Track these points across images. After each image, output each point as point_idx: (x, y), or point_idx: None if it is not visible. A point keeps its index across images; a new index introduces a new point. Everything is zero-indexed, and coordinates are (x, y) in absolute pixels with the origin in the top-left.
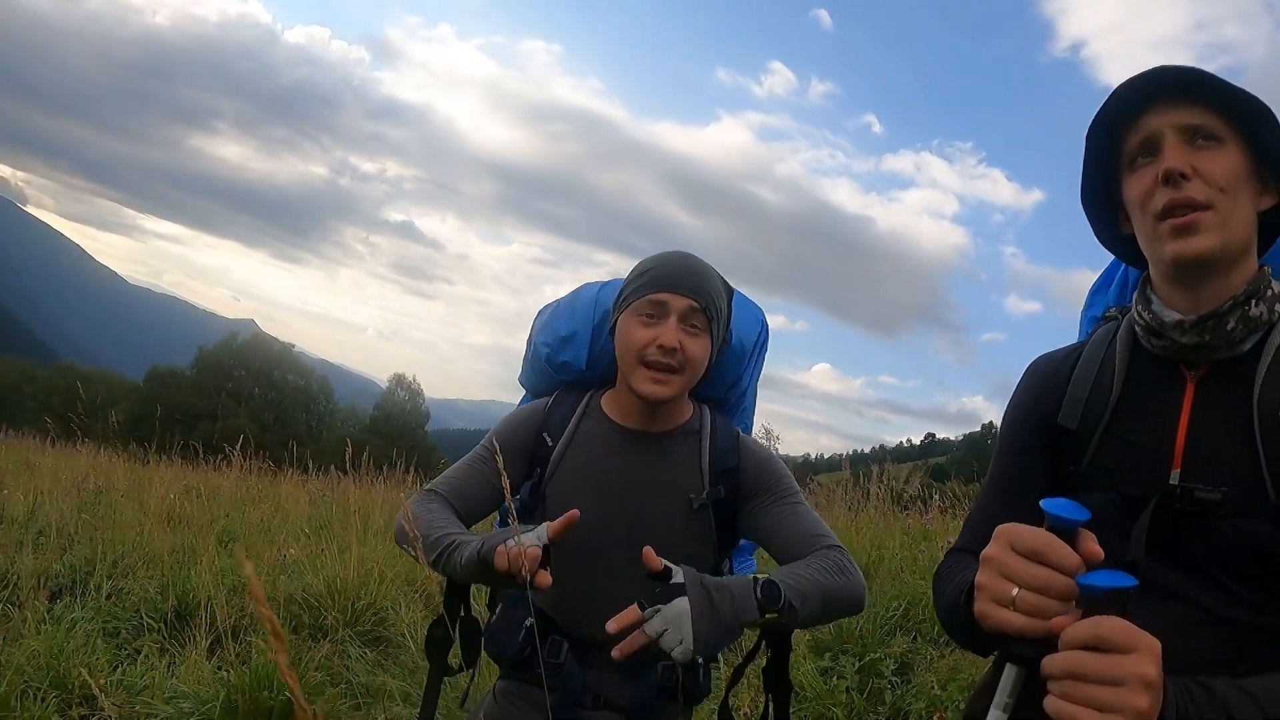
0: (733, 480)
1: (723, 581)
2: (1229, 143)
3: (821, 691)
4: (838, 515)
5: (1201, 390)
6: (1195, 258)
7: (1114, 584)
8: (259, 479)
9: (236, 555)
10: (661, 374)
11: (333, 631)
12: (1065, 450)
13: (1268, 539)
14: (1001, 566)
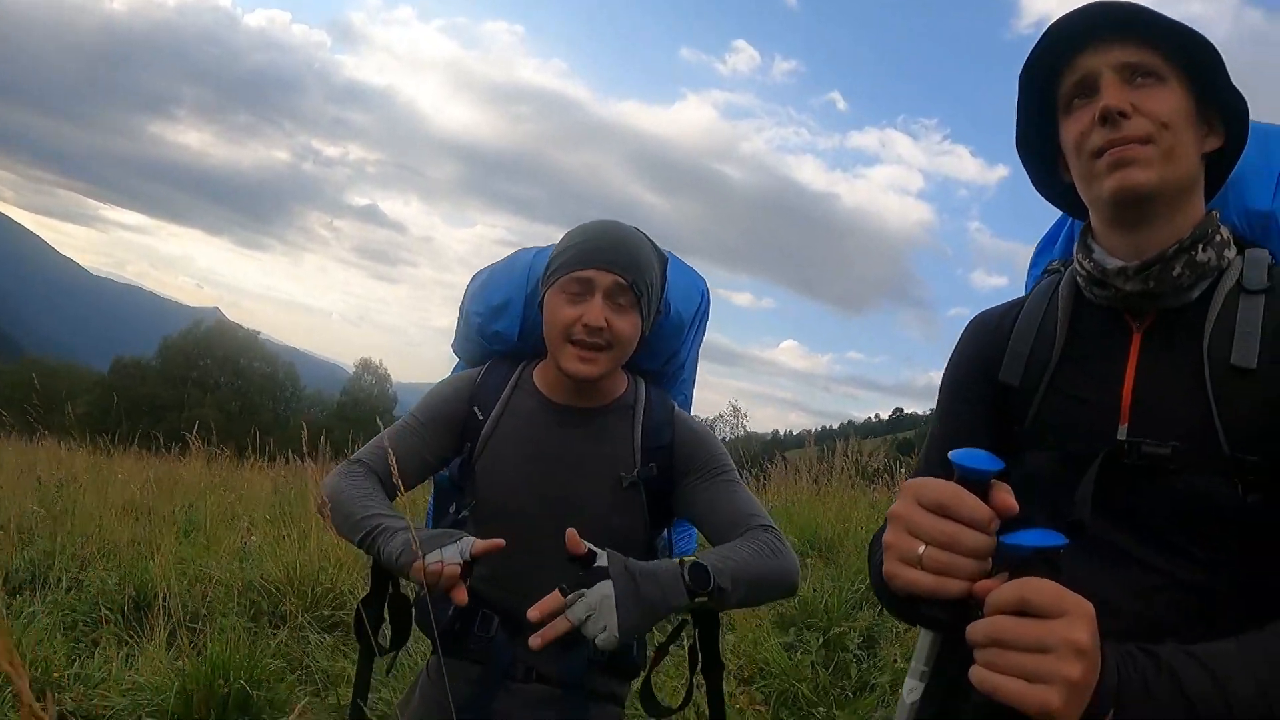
0: (666, 457)
1: (649, 567)
2: (1170, 81)
3: (786, 667)
4: (802, 489)
5: (1148, 341)
6: (1135, 191)
7: (1041, 543)
8: (224, 467)
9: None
10: (588, 352)
11: (291, 618)
12: (1008, 408)
13: (1221, 495)
14: (908, 523)
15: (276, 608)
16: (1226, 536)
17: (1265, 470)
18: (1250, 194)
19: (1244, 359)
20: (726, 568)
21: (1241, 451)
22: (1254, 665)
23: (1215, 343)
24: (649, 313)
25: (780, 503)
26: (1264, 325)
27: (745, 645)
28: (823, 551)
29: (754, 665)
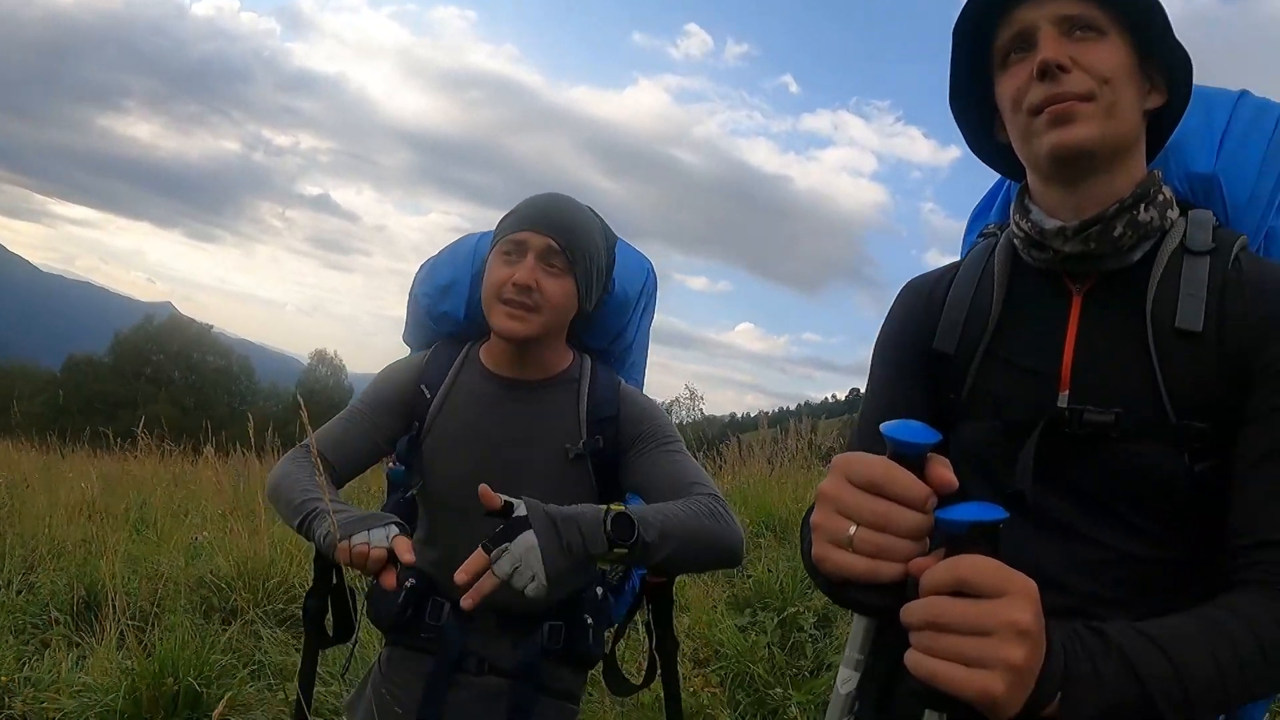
0: (612, 429)
1: (570, 512)
2: (1111, 35)
3: (741, 648)
4: (756, 469)
5: (1089, 304)
6: (1075, 146)
7: (980, 517)
8: (178, 463)
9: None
10: (517, 310)
11: (243, 612)
12: (944, 378)
13: (1166, 463)
14: (837, 502)
15: (227, 603)
16: (1174, 507)
17: (1213, 438)
18: (1192, 158)
19: (1189, 322)
20: (655, 520)
21: (1188, 418)
22: (1213, 643)
23: (1159, 306)
24: (590, 284)
25: (735, 484)
26: (1209, 288)
27: (700, 627)
28: (777, 532)
29: (709, 647)
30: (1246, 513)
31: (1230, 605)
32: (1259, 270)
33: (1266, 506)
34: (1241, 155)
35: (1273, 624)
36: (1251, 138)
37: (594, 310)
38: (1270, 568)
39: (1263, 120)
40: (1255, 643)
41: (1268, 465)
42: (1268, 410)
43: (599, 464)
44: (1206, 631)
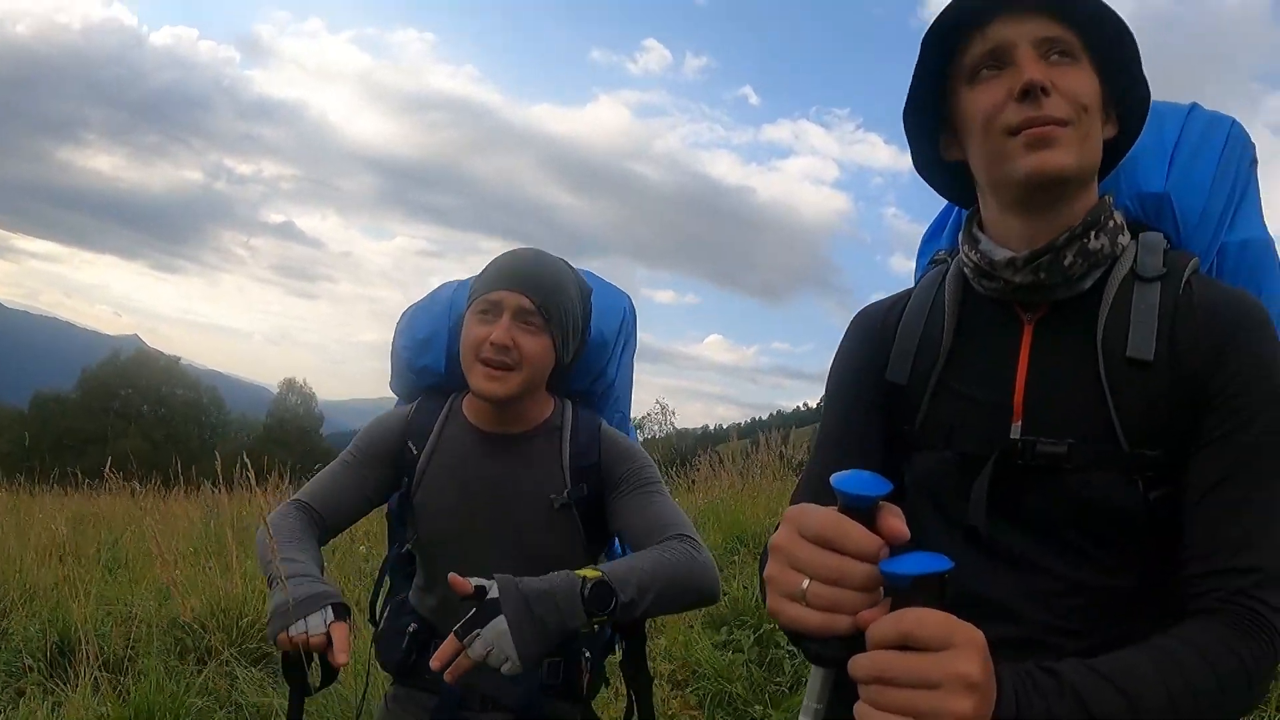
0: (595, 475)
1: (545, 587)
2: (1084, 62)
3: (719, 667)
4: (727, 485)
5: (1040, 334)
6: (1053, 172)
7: (923, 569)
8: (149, 499)
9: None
10: (496, 370)
11: (217, 653)
12: (897, 408)
13: (1120, 492)
14: (789, 556)
15: (202, 643)
16: (1129, 536)
17: (1166, 466)
18: (1143, 176)
19: (1140, 351)
20: (632, 578)
21: (1141, 447)
22: (1166, 676)
23: (1110, 334)
24: (566, 338)
25: (708, 500)
26: (1160, 314)
27: (677, 648)
28: (752, 548)
29: (687, 668)
30: (1199, 540)
31: (1184, 635)
32: (1209, 295)
33: (1219, 534)
34: (1192, 172)
35: (1227, 652)
36: (1202, 154)
37: (571, 362)
38: (1224, 595)
39: (1213, 135)
40: (1210, 672)
41: (1220, 492)
42: (1218, 437)
43: (585, 510)
44: (1160, 664)
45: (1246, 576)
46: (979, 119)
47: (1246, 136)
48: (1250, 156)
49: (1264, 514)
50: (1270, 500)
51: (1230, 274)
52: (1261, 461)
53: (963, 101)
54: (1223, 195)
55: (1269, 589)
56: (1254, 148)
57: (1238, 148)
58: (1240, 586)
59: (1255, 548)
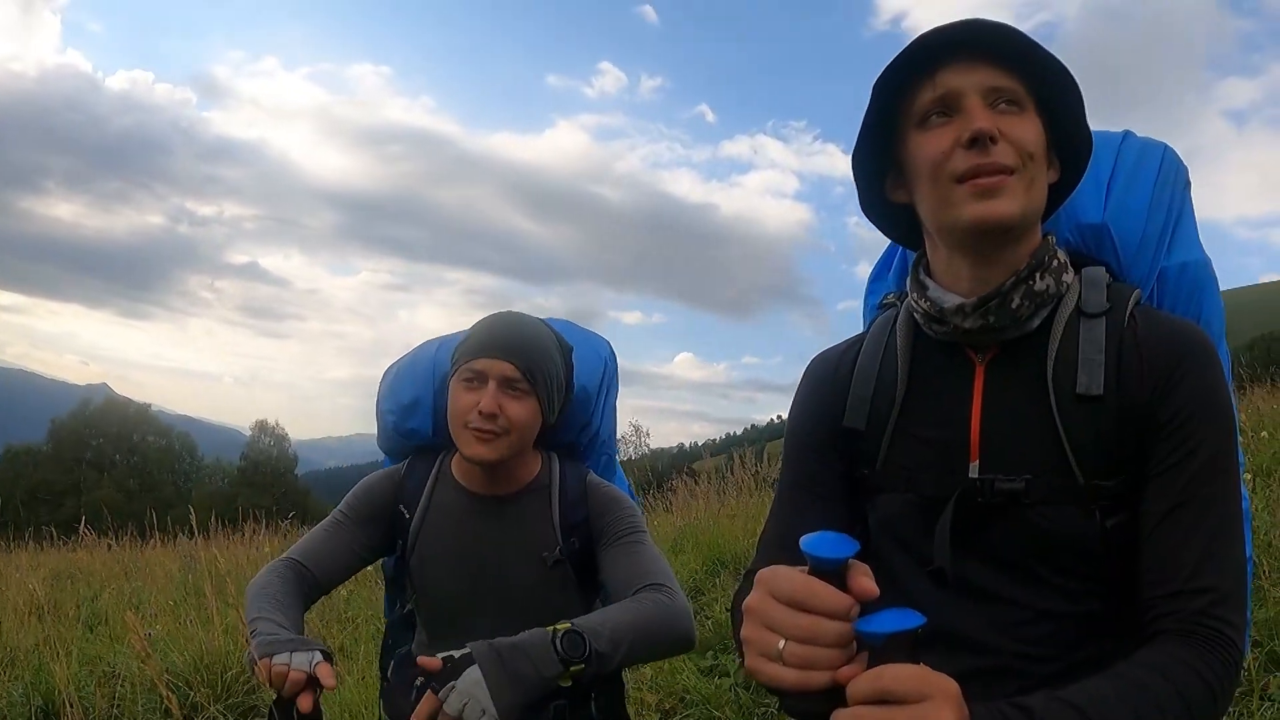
0: (584, 530)
1: (517, 641)
2: (1029, 111)
3: (707, 693)
4: (704, 507)
5: (992, 374)
6: (999, 222)
7: (895, 627)
8: (126, 551)
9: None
10: (486, 436)
11: (204, 709)
12: (857, 453)
13: (1078, 523)
14: (764, 618)
15: (187, 700)
16: (1089, 563)
17: (1121, 494)
18: (1081, 207)
19: (1089, 387)
20: (605, 630)
21: (1096, 479)
22: (1135, 704)
23: (1059, 372)
24: (551, 399)
25: (686, 522)
26: (1107, 349)
27: (663, 677)
28: (733, 569)
29: (673, 696)
30: (1157, 565)
31: (1149, 661)
32: (1153, 328)
33: (1174, 559)
34: (1129, 201)
35: (1189, 672)
36: (1137, 181)
37: (558, 417)
38: (1182, 616)
39: (1146, 162)
40: (1174, 692)
41: (1172, 519)
42: (1169, 466)
43: (578, 564)
44: (1128, 692)
45: (1203, 597)
46: (927, 165)
47: (1179, 161)
48: (1184, 180)
49: (1215, 537)
50: (1220, 523)
51: (1171, 296)
52: (1210, 487)
53: (911, 146)
54: (1159, 221)
55: (1225, 607)
56: (1186, 170)
57: (1171, 173)
58: (1198, 607)
59: (1209, 570)
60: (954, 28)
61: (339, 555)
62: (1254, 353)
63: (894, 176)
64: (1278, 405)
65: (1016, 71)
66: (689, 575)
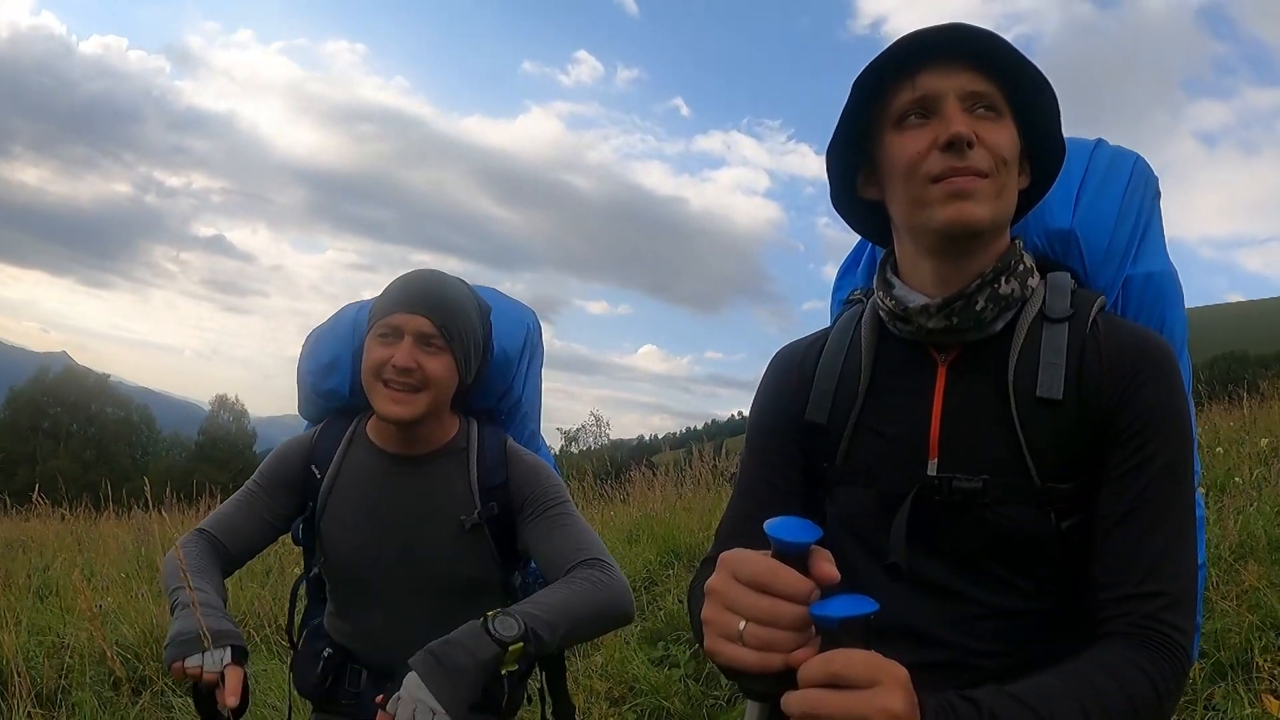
0: (504, 495)
1: (449, 637)
2: (1006, 117)
3: (657, 683)
4: (661, 498)
5: (954, 374)
6: (970, 225)
7: (849, 612)
8: (80, 522)
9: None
10: (400, 393)
11: (152, 682)
12: (818, 447)
13: (1034, 523)
14: (725, 599)
15: (136, 673)
16: (1044, 563)
17: (1077, 497)
18: (1050, 214)
19: (1050, 391)
20: (540, 612)
21: (1052, 481)
22: (1079, 697)
23: (1020, 375)
24: (468, 357)
25: (643, 513)
26: (1068, 355)
27: (613, 665)
28: (687, 561)
29: (623, 685)
30: (1109, 568)
31: (1096, 658)
32: (1115, 335)
33: (1127, 562)
34: (1098, 208)
35: (1137, 673)
36: (1107, 190)
37: (474, 380)
38: (1133, 619)
39: (1117, 171)
40: (1121, 692)
41: (1126, 523)
42: (1125, 472)
43: (497, 531)
44: (1075, 689)
45: (1154, 600)
46: (902, 164)
47: (1149, 171)
48: (1153, 190)
49: (1168, 543)
50: (1173, 530)
51: (1135, 305)
52: (1164, 494)
53: (886, 145)
54: (1127, 230)
55: (1174, 611)
56: (1157, 181)
57: (1141, 182)
58: (1148, 611)
59: (1160, 574)
60: (937, 31)
61: (250, 526)
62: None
63: (867, 173)
64: (1234, 422)
65: (996, 78)
66: (643, 565)
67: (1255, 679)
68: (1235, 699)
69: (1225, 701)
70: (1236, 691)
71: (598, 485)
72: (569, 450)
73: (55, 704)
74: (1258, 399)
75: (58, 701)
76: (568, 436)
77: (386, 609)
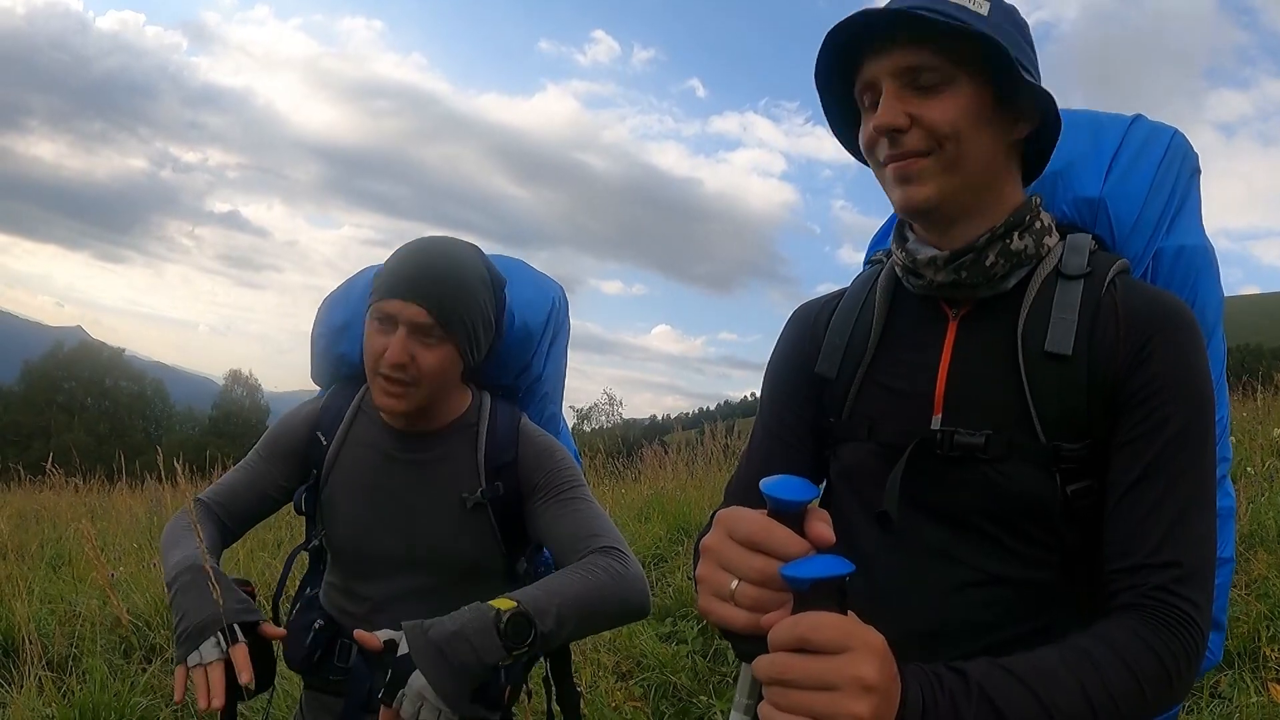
0: (511, 475)
1: (455, 628)
2: (959, 80)
3: (664, 658)
4: (673, 476)
5: (964, 329)
6: (916, 206)
7: (821, 573)
8: (94, 494)
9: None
10: (395, 386)
11: (163, 651)
12: (826, 401)
13: (1037, 484)
14: (719, 557)
15: (147, 641)
16: (1046, 529)
17: (1086, 460)
18: (1080, 182)
19: (1058, 345)
20: (551, 605)
21: (1059, 439)
22: (1081, 675)
23: (1030, 329)
24: (472, 342)
25: (653, 491)
26: (1081, 310)
27: (621, 640)
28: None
29: (630, 660)
30: (1119, 537)
31: (1101, 634)
32: (1131, 295)
33: (1138, 531)
34: (1129, 180)
35: (1145, 651)
36: (1140, 162)
37: (486, 357)
38: (1143, 591)
39: (1153, 145)
40: (1126, 672)
41: (1138, 490)
42: (1137, 436)
43: (501, 511)
44: (1074, 663)
45: (1165, 572)
46: (865, 148)
47: (1188, 146)
48: (1192, 166)
49: (1181, 511)
50: (1188, 499)
51: (1165, 279)
52: (1179, 461)
53: (862, 128)
54: (1159, 203)
55: (1188, 585)
56: (1196, 157)
57: (1178, 157)
58: (1159, 582)
59: (1173, 544)
60: (847, 24)
61: (249, 497)
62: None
63: None
64: (1247, 413)
65: (933, 44)
66: (653, 542)
67: (1263, 668)
68: (1242, 687)
69: (1232, 689)
70: (1243, 680)
71: (610, 463)
72: (581, 428)
73: (66, 670)
74: (1271, 390)
75: (68, 669)
76: (580, 415)
77: (384, 584)
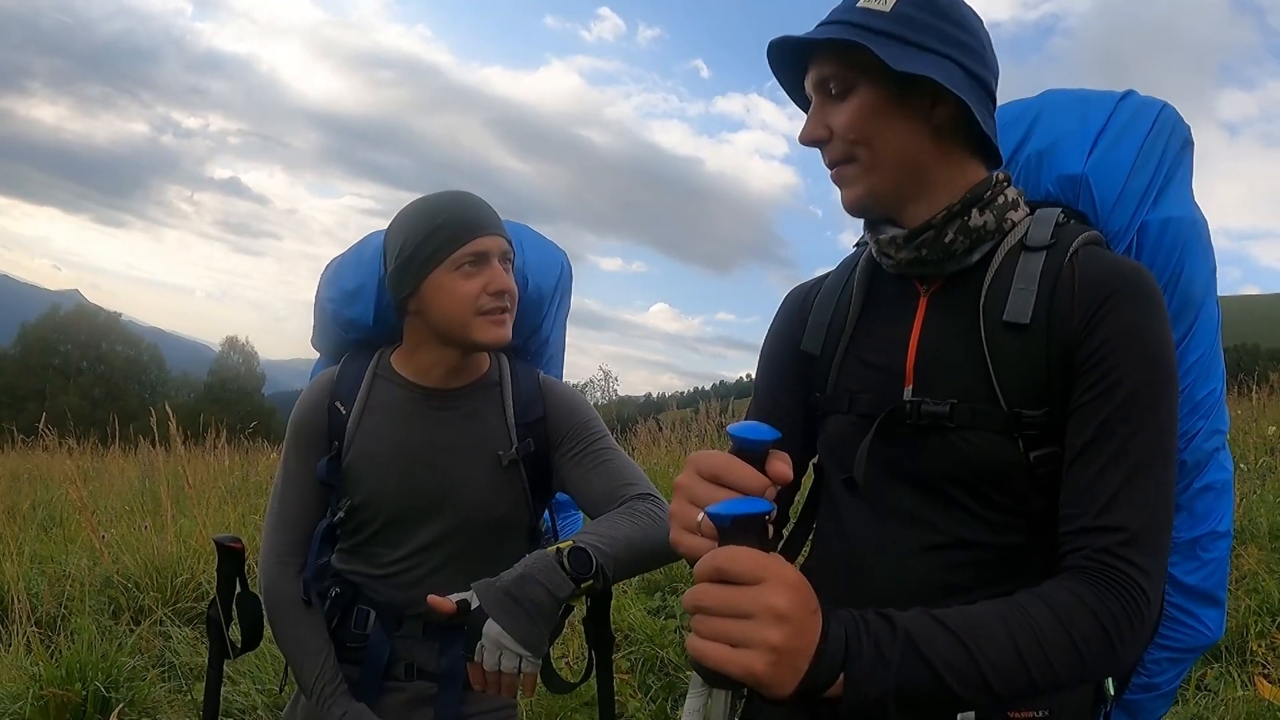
0: (540, 430)
1: (521, 572)
2: (861, 85)
3: (652, 632)
4: (665, 451)
5: (933, 304)
6: (853, 208)
7: (740, 510)
8: (87, 457)
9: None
10: (503, 315)
11: (151, 612)
12: (812, 377)
13: (1001, 451)
14: (688, 493)
15: (135, 602)
16: (1011, 494)
17: (1048, 427)
18: (1064, 160)
19: (1017, 314)
20: (606, 546)
21: (1020, 407)
22: (1012, 629)
23: (991, 300)
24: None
25: (646, 466)
26: (1041, 280)
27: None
28: None
29: (619, 633)
30: (1070, 499)
31: (1043, 593)
32: (1090, 263)
33: (1087, 493)
34: (1114, 155)
35: (1084, 613)
36: (1126, 136)
37: None
38: (1089, 553)
39: (1140, 118)
40: (1062, 631)
41: (1089, 453)
42: (1090, 399)
43: (531, 467)
44: (1009, 618)
45: (1110, 535)
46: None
47: (1178, 118)
48: (1182, 138)
49: (1130, 474)
50: (1138, 461)
51: (1150, 250)
52: (1130, 424)
53: None
54: (1145, 175)
55: (1133, 548)
56: (1187, 130)
57: (1166, 128)
58: (1105, 545)
59: (1121, 507)
60: (770, 51)
61: (301, 512)
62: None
63: None
64: (1242, 411)
65: (839, 56)
66: None
67: (1250, 662)
68: (1228, 680)
69: (1218, 683)
70: (1230, 673)
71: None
72: None
73: (54, 629)
74: (1267, 390)
75: (57, 628)
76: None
77: (412, 549)
